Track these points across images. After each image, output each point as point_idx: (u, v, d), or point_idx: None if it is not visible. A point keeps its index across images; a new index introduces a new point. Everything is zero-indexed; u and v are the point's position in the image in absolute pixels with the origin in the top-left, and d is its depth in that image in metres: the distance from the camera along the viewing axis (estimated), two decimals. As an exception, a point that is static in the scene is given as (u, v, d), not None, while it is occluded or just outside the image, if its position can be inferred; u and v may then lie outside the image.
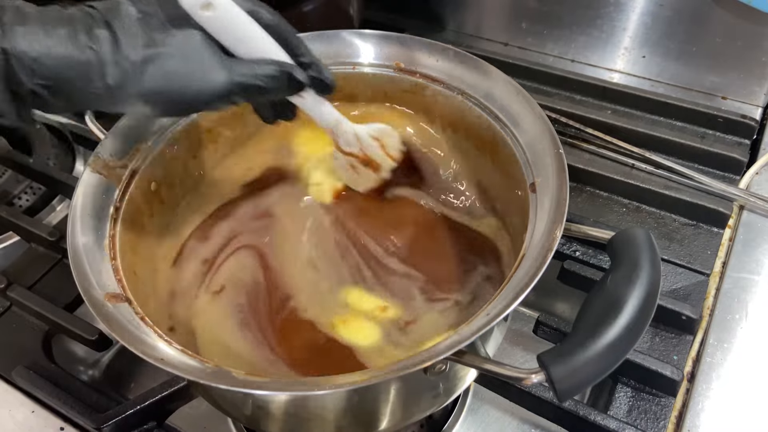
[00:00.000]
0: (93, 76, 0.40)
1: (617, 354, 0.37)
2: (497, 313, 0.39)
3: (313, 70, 0.48)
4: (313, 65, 0.48)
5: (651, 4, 0.80)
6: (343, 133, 0.56)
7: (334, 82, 0.50)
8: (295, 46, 0.47)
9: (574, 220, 0.62)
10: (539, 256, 0.42)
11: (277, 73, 0.45)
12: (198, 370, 0.40)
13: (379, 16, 0.94)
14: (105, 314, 0.42)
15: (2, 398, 0.57)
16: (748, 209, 0.67)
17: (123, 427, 0.53)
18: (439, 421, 0.59)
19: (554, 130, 0.50)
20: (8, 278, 0.64)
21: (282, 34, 0.46)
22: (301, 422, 0.47)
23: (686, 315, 0.57)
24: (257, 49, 0.45)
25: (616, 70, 0.87)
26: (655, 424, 0.53)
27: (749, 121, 0.74)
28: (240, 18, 0.44)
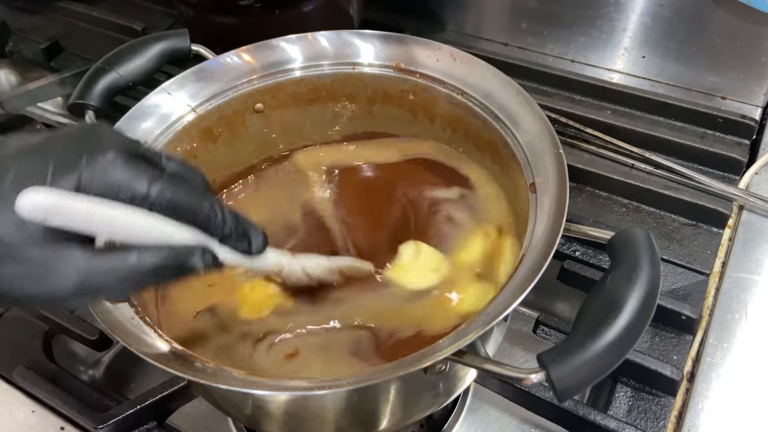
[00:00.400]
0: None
1: (617, 354, 0.37)
2: (497, 313, 0.39)
3: (231, 241, 0.40)
4: (231, 237, 0.40)
5: (651, 4, 0.80)
6: (289, 276, 0.50)
7: (261, 246, 0.42)
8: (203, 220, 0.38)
9: (574, 220, 0.62)
10: (539, 256, 0.42)
11: (160, 262, 0.36)
12: (198, 370, 0.40)
13: (379, 16, 0.94)
14: (105, 314, 0.42)
15: (2, 398, 0.57)
16: (747, 209, 0.67)
17: (123, 426, 0.53)
18: (439, 421, 0.59)
19: (554, 130, 0.50)
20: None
21: (182, 210, 0.37)
22: (301, 422, 0.47)
23: (686, 315, 0.57)
24: (139, 235, 0.36)
25: (616, 70, 0.87)
26: (655, 424, 0.53)
27: (749, 121, 0.74)
28: (104, 213, 0.34)
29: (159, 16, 0.99)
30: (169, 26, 0.96)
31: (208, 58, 0.62)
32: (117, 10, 0.99)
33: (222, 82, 0.60)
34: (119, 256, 0.35)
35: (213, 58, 0.61)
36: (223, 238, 0.40)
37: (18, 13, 1.02)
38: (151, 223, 0.36)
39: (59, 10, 1.01)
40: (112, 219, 0.34)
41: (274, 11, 0.76)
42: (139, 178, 0.35)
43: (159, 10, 1.00)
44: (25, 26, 0.99)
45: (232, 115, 0.61)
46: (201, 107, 0.59)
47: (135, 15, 0.97)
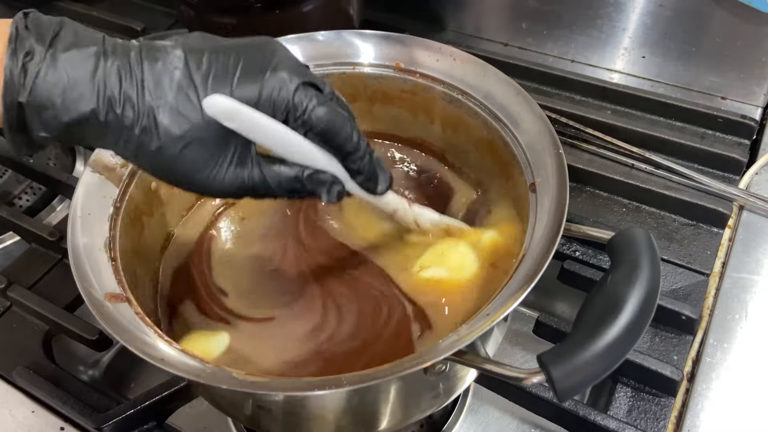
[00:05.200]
0: (107, 138, 0.39)
1: (617, 354, 0.37)
2: (497, 314, 0.39)
3: (362, 178, 0.45)
4: (363, 172, 0.45)
5: (651, 4, 0.80)
6: (401, 219, 0.53)
7: (385, 189, 0.48)
8: (346, 151, 0.43)
9: (574, 220, 0.62)
10: (539, 256, 0.42)
11: (296, 184, 0.43)
12: (198, 370, 0.40)
13: (379, 16, 0.94)
14: (105, 314, 0.42)
15: (2, 398, 0.57)
16: (747, 209, 0.67)
17: (123, 427, 0.53)
18: (439, 421, 0.59)
19: (554, 130, 0.50)
20: (8, 278, 0.64)
21: (331, 138, 0.42)
22: (301, 422, 0.47)
23: (686, 315, 0.57)
24: (289, 152, 0.42)
25: (616, 71, 0.87)
26: (655, 424, 0.53)
27: (749, 121, 0.74)
28: (269, 128, 0.41)
29: (159, 16, 0.98)
30: (169, 26, 0.96)
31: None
32: (117, 10, 0.99)
33: (222, 82, 0.60)
34: (267, 165, 0.42)
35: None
36: (357, 173, 0.45)
37: (18, 13, 1.02)
38: (302, 144, 0.42)
39: (58, 10, 1.01)
40: (273, 134, 0.41)
41: (274, 11, 0.76)
42: (304, 101, 0.40)
43: (159, 10, 1.00)
44: (24, 26, 0.99)
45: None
46: (201, 107, 0.59)
47: (135, 15, 0.97)
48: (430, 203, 0.59)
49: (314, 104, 0.40)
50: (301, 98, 0.40)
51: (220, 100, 0.39)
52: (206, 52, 0.39)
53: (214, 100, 0.39)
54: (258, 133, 0.41)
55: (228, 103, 0.39)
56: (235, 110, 0.39)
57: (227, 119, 0.39)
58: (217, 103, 0.39)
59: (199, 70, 0.39)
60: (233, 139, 0.40)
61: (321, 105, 0.41)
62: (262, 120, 0.40)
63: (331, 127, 0.42)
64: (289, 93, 0.40)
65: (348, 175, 0.45)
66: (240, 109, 0.39)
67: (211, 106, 0.39)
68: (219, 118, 0.39)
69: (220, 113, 0.39)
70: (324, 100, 0.41)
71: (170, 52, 0.39)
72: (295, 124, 0.41)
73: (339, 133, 0.42)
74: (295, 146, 0.42)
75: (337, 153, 0.43)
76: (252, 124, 0.40)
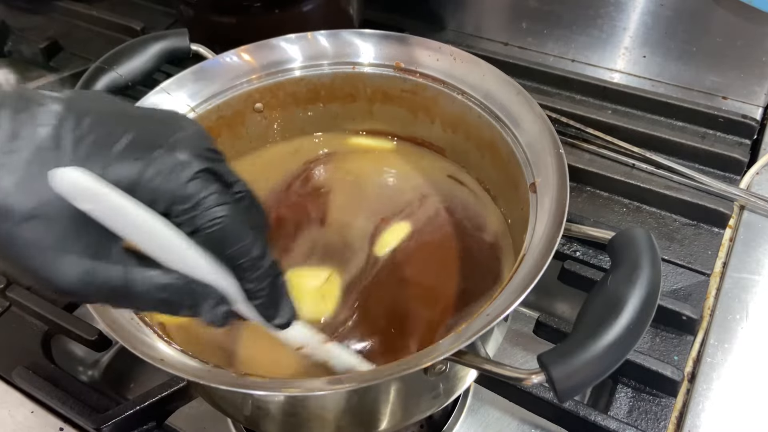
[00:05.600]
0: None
1: (617, 354, 0.37)
2: (497, 314, 0.39)
3: (258, 302, 0.36)
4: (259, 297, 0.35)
5: (651, 3, 0.79)
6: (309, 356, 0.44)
7: (287, 322, 0.38)
8: (244, 266, 0.34)
9: (575, 220, 0.62)
10: (539, 256, 0.42)
11: (168, 294, 0.33)
12: (198, 370, 0.40)
13: (379, 16, 0.94)
14: (105, 314, 0.42)
15: (2, 398, 0.57)
16: (748, 209, 0.67)
17: (123, 427, 0.53)
18: (439, 422, 0.59)
19: (554, 130, 0.50)
20: (8, 278, 0.64)
21: (227, 245, 0.33)
22: (301, 422, 0.47)
23: (687, 315, 0.56)
24: (164, 255, 0.33)
25: (617, 70, 0.87)
26: (656, 425, 0.53)
27: (750, 121, 0.74)
28: (138, 219, 0.31)
29: (158, 16, 0.98)
30: (169, 26, 0.95)
31: (207, 57, 0.62)
32: (116, 10, 0.99)
33: (221, 81, 0.60)
34: (134, 266, 0.32)
35: (212, 58, 0.61)
36: (252, 295, 0.36)
37: (17, 12, 1.01)
38: (180, 247, 0.33)
39: (58, 10, 1.01)
40: (142, 226, 0.32)
41: (274, 11, 0.76)
42: (199, 194, 0.32)
43: (159, 9, 1.00)
44: (24, 26, 0.99)
45: (231, 114, 0.61)
46: (200, 107, 0.59)
47: (134, 15, 0.97)
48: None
49: (212, 201, 0.32)
50: (197, 189, 0.32)
51: (73, 176, 0.30)
52: (92, 114, 0.32)
53: (65, 175, 0.30)
54: (121, 224, 0.31)
55: (83, 180, 0.30)
56: (92, 191, 0.30)
57: (81, 200, 0.30)
58: (69, 178, 0.30)
59: (73, 132, 0.31)
60: (92, 225, 0.31)
61: (220, 204, 0.32)
62: (129, 208, 0.31)
63: (226, 234, 0.33)
64: (179, 180, 0.31)
65: (241, 295, 0.35)
66: (99, 191, 0.30)
67: (60, 180, 0.30)
68: (69, 197, 0.30)
69: (71, 191, 0.30)
70: (227, 198, 0.33)
71: (46, 105, 0.31)
72: (178, 220, 0.32)
73: (234, 242, 0.33)
74: (171, 248, 0.33)
75: (232, 265, 0.34)
76: (114, 211, 0.31)
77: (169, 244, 0.32)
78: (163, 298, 0.33)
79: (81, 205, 0.31)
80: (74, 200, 0.30)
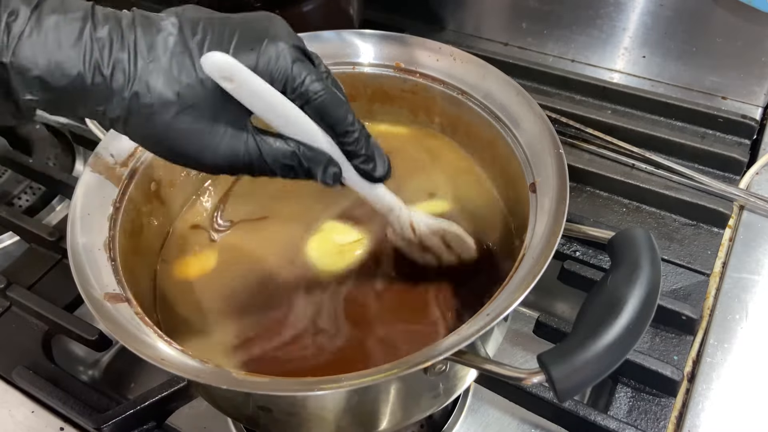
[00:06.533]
0: (96, 103, 0.37)
1: (617, 354, 0.37)
2: (497, 313, 0.39)
3: (359, 160, 0.43)
4: (361, 154, 0.43)
5: (651, 4, 0.80)
6: (396, 220, 0.50)
7: (384, 173, 0.45)
8: (343, 131, 0.42)
9: (574, 220, 0.62)
10: (539, 256, 0.42)
11: (293, 161, 0.41)
12: (198, 370, 0.40)
13: (379, 16, 0.94)
14: (105, 314, 0.42)
15: (2, 398, 0.57)
16: (748, 209, 0.67)
17: (123, 427, 0.53)
18: (439, 421, 0.59)
19: (554, 130, 0.50)
20: (8, 278, 0.64)
21: (328, 115, 0.41)
22: (301, 422, 0.47)
23: (686, 315, 0.57)
24: (287, 125, 0.41)
25: (616, 70, 0.87)
26: (656, 425, 0.53)
27: (749, 121, 0.74)
28: (266, 94, 0.39)
29: (159, 16, 0.98)
30: (169, 26, 0.95)
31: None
32: (117, 10, 0.99)
33: (222, 81, 0.60)
34: (264, 139, 0.40)
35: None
36: (354, 154, 0.43)
37: (18, 13, 1.01)
38: (299, 117, 0.40)
39: (59, 10, 1.01)
40: (271, 100, 0.39)
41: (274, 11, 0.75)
42: (301, 74, 0.39)
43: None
44: (24, 26, 0.99)
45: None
46: (201, 107, 0.59)
47: (135, 15, 0.97)
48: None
49: (312, 78, 0.40)
50: (300, 70, 0.39)
51: (219, 58, 0.37)
52: (202, 21, 0.39)
53: (213, 57, 0.37)
54: (256, 99, 0.39)
55: (227, 61, 0.37)
56: (235, 69, 0.37)
57: (225, 79, 0.37)
58: (216, 60, 0.37)
59: (195, 37, 0.38)
60: (229, 106, 0.39)
61: (319, 79, 0.40)
62: (261, 84, 0.38)
63: (329, 103, 0.40)
64: (287, 63, 0.39)
65: (345, 158, 0.43)
66: (240, 68, 0.37)
67: (210, 63, 0.37)
68: (216, 77, 0.37)
69: (219, 71, 0.37)
70: (321, 75, 0.41)
71: (164, 19, 0.38)
72: (292, 95, 0.40)
73: (336, 109, 0.41)
74: (292, 118, 0.40)
75: (333, 132, 0.42)
76: (251, 86, 0.38)
77: (291, 116, 0.40)
78: (287, 164, 0.41)
79: (225, 84, 0.38)
80: (221, 79, 0.37)
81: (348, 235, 0.57)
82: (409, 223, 0.50)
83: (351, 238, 0.57)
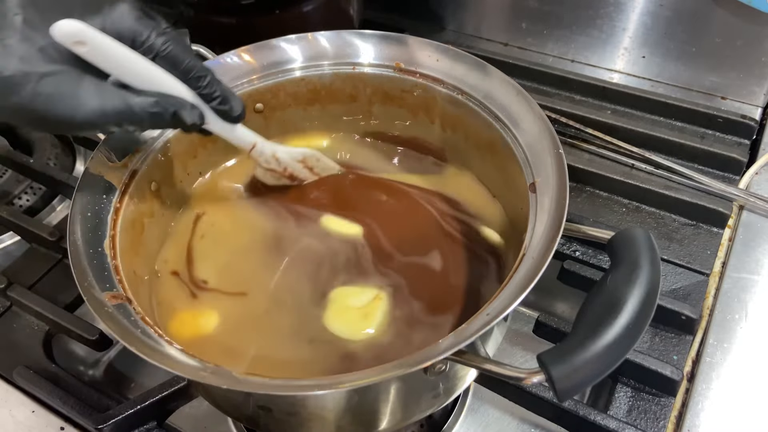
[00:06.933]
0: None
1: (617, 354, 0.37)
2: (497, 313, 0.39)
3: (216, 102, 0.48)
4: (216, 96, 0.48)
5: (651, 4, 0.80)
6: (260, 154, 0.56)
7: (240, 112, 0.50)
8: (195, 76, 0.46)
9: (574, 220, 0.62)
10: (539, 256, 0.42)
11: (158, 108, 0.44)
12: (198, 370, 0.40)
13: (379, 16, 0.94)
14: (105, 314, 0.42)
15: (2, 398, 0.57)
16: (747, 209, 0.67)
17: (123, 426, 0.53)
18: (439, 421, 0.59)
19: (554, 130, 0.50)
20: (8, 278, 0.64)
21: (179, 63, 0.45)
22: (301, 422, 0.47)
23: (686, 315, 0.57)
24: (144, 80, 0.44)
25: (616, 70, 0.87)
26: (655, 424, 0.53)
27: (749, 121, 0.74)
28: (119, 51, 0.42)
29: (159, 16, 0.98)
30: (169, 26, 0.95)
31: (208, 58, 0.62)
32: (117, 10, 0.99)
33: (222, 82, 0.60)
34: (129, 95, 0.43)
35: (213, 58, 0.61)
36: (210, 97, 0.47)
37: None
38: (154, 70, 0.44)
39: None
40: (124, 58, 0.42)
41: (274, 11, 0.76)
42: (147, 28, 0.44)
43: (159, 10, 1.00)
44: (25, 26, 0.99)
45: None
46: (201, 107, 0.59)
47: (135, 15, 0.97)
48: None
49: (158, 31, 0.44)
50: (144, 25, 0.44)
51: (69, 23, 0.40)
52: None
53: (64, 24, 0.40)
54: (110, 59, 0.42)
55: (77, 26, 0.40)
56: (86, 32, 0.40)
57: (78, 43, 0.40)
58: (67, 26, 0.40)
59: (38, 10, 0.40)
60: (87, 69, 0.42)
61: (164, 33, 0.45)
62: (111, 43, 0.42)
63: (177, 51, 0.45)
64: (132, 20, 0.43)
65: (203, 103, 0.47)
66: (90, 31, 0.40)
67: (60, 29, 0.40)
68: (68, 44, 0.40)
69: (70, 36, 0.40)
70: (163, 30, 0.45)
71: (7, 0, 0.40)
72: (141, 49, 0.44)
73: (184, 56, 0.45)
74: (148, 71, 0.44)
75: (186, 80, 0.46)
76: (103, 48, 0.41)
77: (146, 70, 0.44)
78: (155, 111, 0.44)
79: (78, 48, 0.40)
80: (73, 45, 0.40)
81: (364, 294, 0.53)
82: (273, 154, 0.57)
83: (370, 296, 0.53)
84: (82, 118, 0.41)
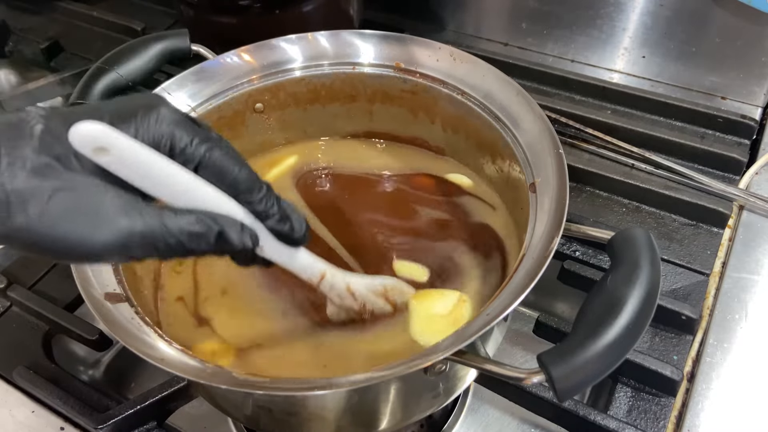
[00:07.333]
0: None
1: (617, 354, 0.37)
2: (497, 313, 0.39)
3: (273, 220, 0.39)
4: (273, 214, 0.38)
5: (651, 4, 0.80)
6: (331, 287, 0.45)
7: (304, 234, 0.40)
8: (246, 189, 0.37)
9: (574, 220, 0.62)
10: (539, 256, 0.42)
11: (200, 227, 0.35)
12: (198, 370, 0.40)
13: (379, 16, 0.94)
14: (105, 314, 0.42)
15: (2, 398, 0.57)
16: (747, 209, 0.67)
17: (123, 427, 0.53)
18: (439, 421, 0.59)
19: (554, 130, 0.50)
20: (8, 278, 0.64)
21: (226, 175, 0.36)
22: (301, 422, 0.47)
23: (686, 315, 0.57)
24: (183, 195, 0.35)
25: (616, 70, 0.87)
26: (655, 424, 0.53)
27: (749, 121, 0.74)
28: (151, 160, 0.33)
29: (159, 16, 0.98)
30: (169, 26, 0.95)
31: (208, 58, 0.62)
32: (117, 10, 0.99)
33: (222, 82, 0.60)
34: (163, 211, 0.34)
35: (213, 58, 0.61)
36: (265, 214, 0.38)
37: (18, 13, 1.02)
38: (195, 183, 0.35)
39: (59, 10, 1.01)
40: (158, 169, 0.34)
41: (274, 11, 0.76)
42: (188, 134, 0.35)
43: (159, 10, 1.00)
44: (24, 26, 0.99)
45: (231, 115, 0.61)
46: (201, 107, 0.59)
47: (135, 15, 0.97)
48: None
49: (201, 137, 0.36)
50: (185, 129, 0.35)
51: (90, 125, 0.32)
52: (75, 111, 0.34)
53: (83, 126, 0.32)
54: (140, 169, 0.33)
55: (99, 129, 0.32)
56: (109, 137, 0.32)
57: (100, 150, 0.32)
58: (86, 129, 0.32)
59: (66, 116, 0.33)
60: (114, 181, 0.33)
61: (208, 140, 0.36)
62: (142, 151, 0.33)
63: (224, 159, 0.36)
64: (170, 125, 0.35)
65: (256, 222, 0.38)
66: (116, 135, 0.32)
67: (79, 132, 0.32)
68: (88, 151, 0.32)
69: (91, 141, 0.32)
70: (208, 135, 0.36)
71: (29, 111, 0.33)
72: (182, 159, 0.35)
73: (233, 166, 0.36)
74: (187, 184, 0.35)
75: (236, 194, 0.37)
76: (131, 156, 0.33)
77: (184, 183, 0.35)
78: (196, 231, 0.35)
79: (101, 157, 0.32)
80: (94, 153, 0.32)
81: (447, 297, 0.50)
82: (347, 288, 0.46)
83: (453, 299, 0.50)
84: (103, 242, 0.33)
